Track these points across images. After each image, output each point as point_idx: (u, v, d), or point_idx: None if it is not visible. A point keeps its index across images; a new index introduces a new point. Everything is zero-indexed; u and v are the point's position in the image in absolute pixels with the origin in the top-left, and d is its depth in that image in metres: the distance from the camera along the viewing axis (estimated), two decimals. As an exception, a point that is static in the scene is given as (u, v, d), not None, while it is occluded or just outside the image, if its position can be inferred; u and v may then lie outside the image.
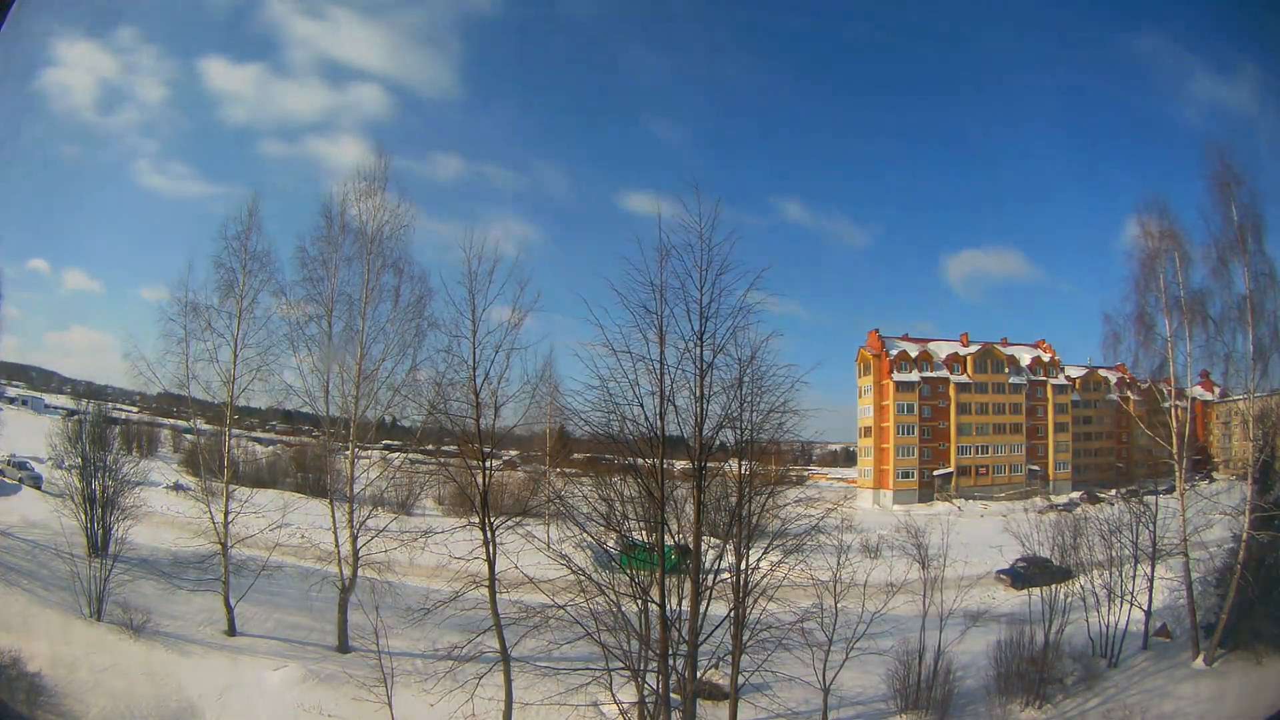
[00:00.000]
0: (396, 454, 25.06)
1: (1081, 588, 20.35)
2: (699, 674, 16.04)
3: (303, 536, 22.12)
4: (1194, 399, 22.13)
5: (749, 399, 16.43)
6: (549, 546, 17.71)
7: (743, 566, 16.04)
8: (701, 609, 15.71)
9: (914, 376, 40.09)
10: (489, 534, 17.60)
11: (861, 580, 18.02)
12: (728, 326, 16.10)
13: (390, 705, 15.70)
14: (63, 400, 33.33)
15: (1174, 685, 18.42)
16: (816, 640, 16.78)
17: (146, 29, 31.38)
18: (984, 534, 26.48)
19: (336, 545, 20.45)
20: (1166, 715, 17.57)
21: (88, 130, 30.81)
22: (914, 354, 40.42)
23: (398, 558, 20.44)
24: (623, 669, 15.77)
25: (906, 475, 39.71)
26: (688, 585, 15.89)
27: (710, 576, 15.97)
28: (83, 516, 20.98)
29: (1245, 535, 18.76)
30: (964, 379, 40.16)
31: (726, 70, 39.05)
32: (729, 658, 16.05)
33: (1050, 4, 31.68)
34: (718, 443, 16.43)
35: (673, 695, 15.95)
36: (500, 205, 40.58)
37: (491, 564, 17.50)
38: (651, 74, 40.10)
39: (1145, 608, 20.36)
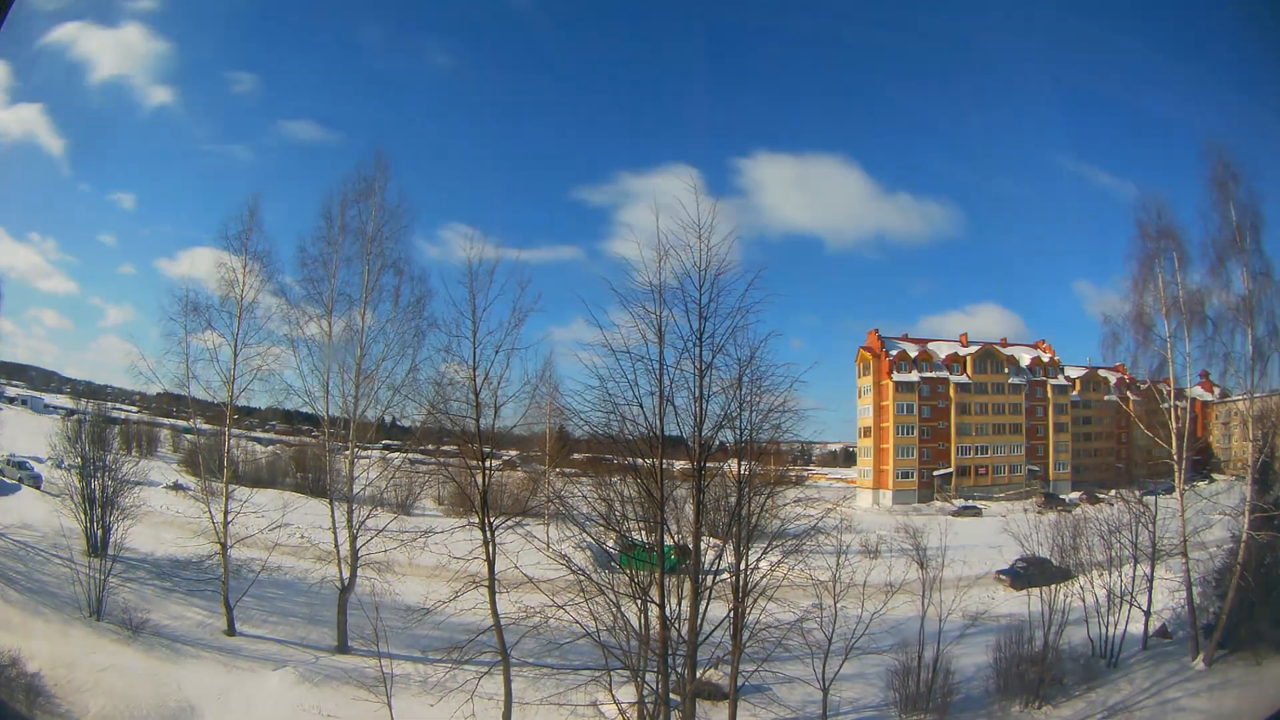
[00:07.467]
0: (396, 454, 25.04)
1: (1081, 588, 20.31)
2: (698, 674, 16.00)
3: (302, 536, 22.12)
4: (1193, 399, 22.10)
5: (748, 399, 16.41)
6: (549, 547, 17.71)
7: (742, 567, 16.00)
8: (701, 609, 15.66)
9: (914, 377, 40.08)
10: (489, 534, 17.55)
11: (861, 581, 17.99)
12: (727, 326, 16.07)
13: (390, 706, 15.62)
14: (62, 400, 33.38)
15: (1174, 686, 18.37)
16: (816, 641, 16.73)
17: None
18: (984, 534, 26.48)
19: (336, 545, 20.42)
20: (1166, 716, 17.54)
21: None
22: (914, 354, 40.42)
23: (397, 558, 20.43)
24: (622, 669, 15.73)
25: (906, 475, 39.70)
26: (687, 585, 15.85)
27: (710, 577, 15.95)
28: (82, 516, 20.96)
29: (1245, 535, 18.68)
30: (964, 379, 40.15)
31: (728, 70, 39.16)
32: (728, 658, 16.02)
33: (1050, 4, 31.75)
34: (717, 443, 16.38)
35: (672, 695, 15.92)
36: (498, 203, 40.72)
37: (491, 564, 17.44)
38: (651, 71, 40.19)
39: (1145, 608, 20.34)
